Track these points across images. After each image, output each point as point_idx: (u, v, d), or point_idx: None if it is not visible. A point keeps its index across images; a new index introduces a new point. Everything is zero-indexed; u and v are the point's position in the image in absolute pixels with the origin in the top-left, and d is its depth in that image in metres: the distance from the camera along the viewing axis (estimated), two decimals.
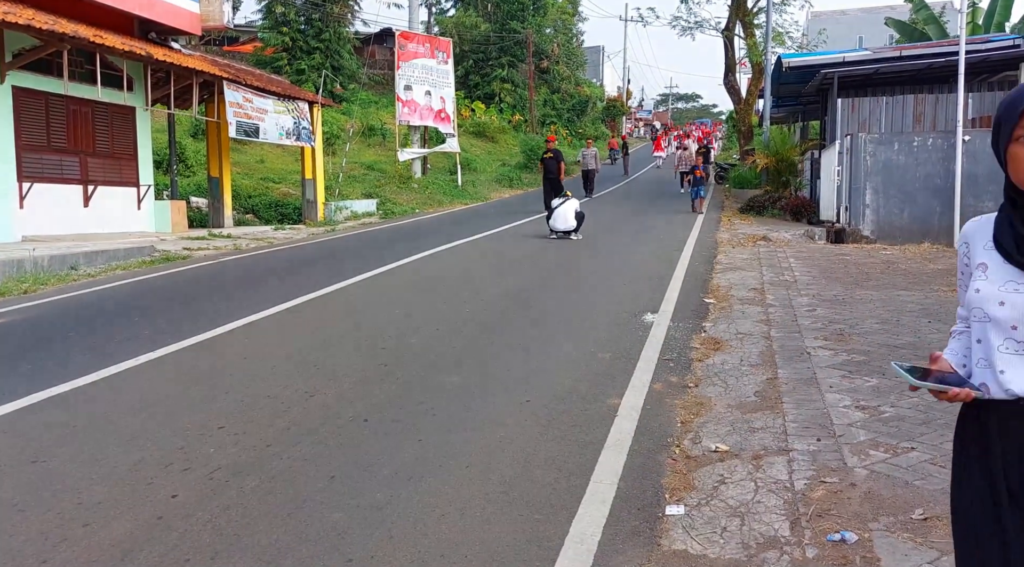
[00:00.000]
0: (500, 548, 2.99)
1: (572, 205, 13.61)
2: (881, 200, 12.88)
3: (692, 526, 3.12)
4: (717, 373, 5.32)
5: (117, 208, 14.35)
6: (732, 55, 29.34)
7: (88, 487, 3.53)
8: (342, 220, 18.48)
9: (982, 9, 20.00)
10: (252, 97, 16.12)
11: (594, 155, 23.37)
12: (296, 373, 5.39)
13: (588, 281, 9.25)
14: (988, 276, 1.65)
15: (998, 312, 1.61)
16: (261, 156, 23.71)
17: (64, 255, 10.53)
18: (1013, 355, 1.60)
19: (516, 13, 39.63)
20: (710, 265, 10.45)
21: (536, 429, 4.29)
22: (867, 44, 25.62)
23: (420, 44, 24.79)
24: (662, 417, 4.48)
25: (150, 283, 9.59)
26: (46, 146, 12.89)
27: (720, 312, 7.35)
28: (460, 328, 6.83)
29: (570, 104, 44.39)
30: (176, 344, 6.18)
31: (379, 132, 28.68)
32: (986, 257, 1.67)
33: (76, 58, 12.93)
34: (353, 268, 10.19)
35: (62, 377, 5.24)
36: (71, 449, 4.01)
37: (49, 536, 3.08)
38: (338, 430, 4.27)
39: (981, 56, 13.51)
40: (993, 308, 1.62)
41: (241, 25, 36.98)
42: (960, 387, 1.61)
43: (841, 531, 2.98)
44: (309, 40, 29.94)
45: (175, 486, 3.54)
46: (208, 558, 2.91)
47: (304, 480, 3.61)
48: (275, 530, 3.13)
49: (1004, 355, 1.60)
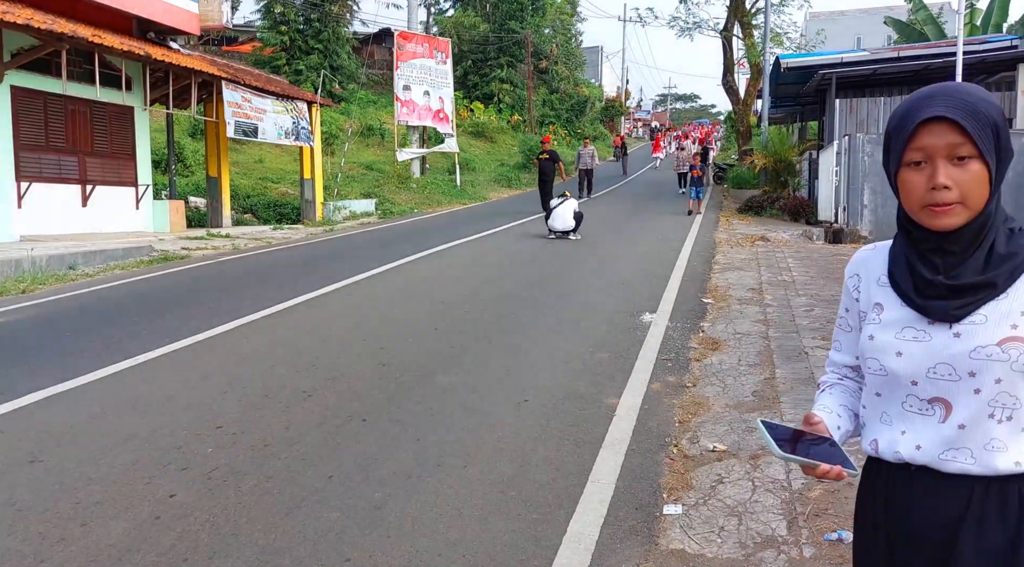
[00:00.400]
0: (498, 547, 2.99)
1: (571, 205, 13.62)
2: (879, 200, 12.89)
3: (690, 525, 3.13)
4: (715, 373, 5.33)
5: (115, 208, 14.34)
6: (730, 55, 29.37)
7: (86, 487, 3.53)
8: (341, 220, 18.47)
9: (980, 10, 20.05)
10: (251, 97, 16.12)
11: (591, 154, 23.19)
12: (294, 373, 5.39)
13: (586, 281, 9.25)
14: (883, 320, 1.38)
15: (895, 364, 1.34)
16: (260, 156, 23.70)
17: (62, 255, 10.52)
18: (916, 415, 1.34)
19: (515, 13, 39.62)
20: (708, 265, 10.46)
21: (534, 429, 4.30)
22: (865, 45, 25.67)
23: (419, 44, 24.79)
24: (660, 417, 4.48)
25: (148, 283, 9.59)
26: (44, 146, 12.88)
27: (718, 312, 7.36)
28: (458, 328, 6.83)
29: (569, 104, 44.38)
30: (174, 344, 6.18)
31: (378, 132, 28.67)
32: (881, 296, 1.40)
33: (75, 58, 12.92)
34: (351, 268, 10.19)
35: (60, 377, 5.24)
36: (69, 449, 4.01)
37: (47, 536, 3.08)
38: (336, 430, 4.27)
39: (979, 57, 13.54)
40: (890, 360, 1.35)
41: (240, 25, 36.96)
42: (830, 463, 1.33)
43: (838, 530, 2.98)
44: (308, 40, 29.92)
45: (173, 486, 3.54)
46: (206, 558, 2.92)
47: (302, 480, 3.61)
48: (273, 530, 3.13)
49: (906, 414, 1.35)
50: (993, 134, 1.26)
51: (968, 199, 1.27)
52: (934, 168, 1.27)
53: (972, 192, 1.26)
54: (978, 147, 1.25)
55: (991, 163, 1.26)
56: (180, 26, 15.75)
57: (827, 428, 1.43)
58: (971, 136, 1.24)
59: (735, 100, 30.18)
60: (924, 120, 1.27)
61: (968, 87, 1.30)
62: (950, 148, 1.26)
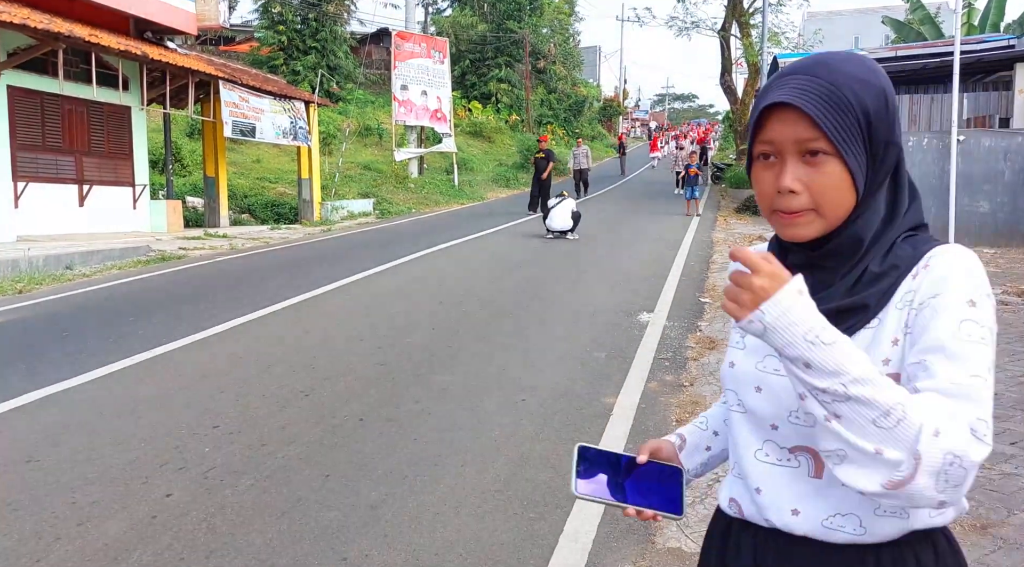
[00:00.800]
0: (495, 546, 2.99)
1: (569, 205, 13.63)
2: None
3: (686, 524, 3.13)
4: (712, 372, 5.33)
5: (112, 208, 14.33)
6: (728, 55, 29.37)
7: (82, 486, 3.53)
8: (338, 220, 18.46)
9: (977, 10, 20.06)
10: (248, 96, 16.10)
11: (585, 154, 23.12)
12: (291, 372, 5.39)
13: (584, 280, 9.26)
14: (747, 345, 1.12)
15: (754, 401, 1.08)
16: (257, 156, 23.68)
17: (59, 255, 10.51)
18: (774, 466, 1.06)
19: (513, 13, 39.62)
20: (706, 264, 10.47)
21: (531, 428, 4.30)
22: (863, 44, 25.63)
23: (416, 44, 24.79)
24: (657, 416, 4.49)
25: (145, 283, 9.58)
26: (41, 146, 12.86)
27: (716, 311, 7.37)
28: (455, 327, 6.83)
29: (567, 104, 44.40)
30: (171, 343, 6.17)
31: (375, 132, 28.66)
32: None
33: (71, 57, 12.89)
34: (349, 267, 10.19)
35: (57, 376, 5.23)
36: (66, 448, 4.00)
37: (43, 536, 3.08)
38: (333, 429, 4.27)
39: (976, 56, 13.54)
40: (748, 395, 1.09)
41: (237, 25, 36.89)
42: (647, 502, 1.14)
43: None
44: (305, 40, 29.88)
45: (170, 485, 3.53)
46: (203, 557, 2.91)
47: (299, 479, 3.61)
48: (270, 529, 3.13)
49: (762, 465, 1.07)
50: (859, 125, 0.98)
51: (822, 207, 0.99)
52: (781, 166, 1.00)
53: (827, 198, 0.99)
54: (834, 142, 0.96)
55: (854, 162, 0.98)
56: (177, 26, 15.73)
57: (679, 451, 1.26)
58: (823, 129, 0.96)
59: (733, 100, 30.18)
60: (770, 105, 1.00)
61: (839, 61, 1.00)
62: (799, 143, 0.98)
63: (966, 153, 12.28)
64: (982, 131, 12.73)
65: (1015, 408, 4.33)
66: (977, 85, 15.26)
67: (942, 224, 12.38)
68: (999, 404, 4.38)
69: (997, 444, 3.78)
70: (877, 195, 1.02)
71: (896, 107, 1.03)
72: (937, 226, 12.48)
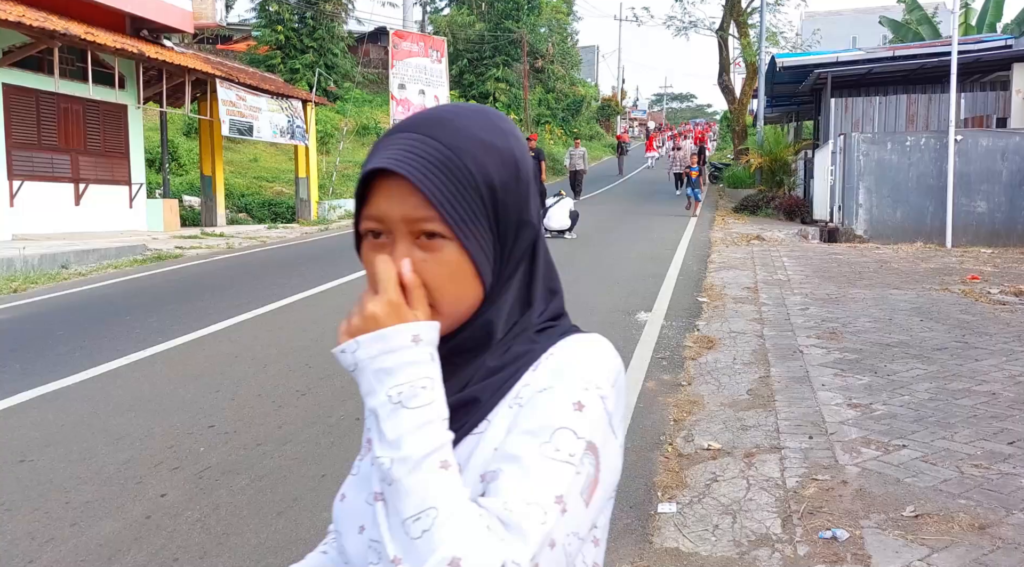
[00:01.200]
0: None
1: (566, 204, 13.62)
2: (874, 199, 12.91)
3: (684, 524, 3.11)
4: (710, 371, 5.32)
5: (108, 207, 14.29)
6: (726, 55, 29.39)
7: (76, 486, 3.50)
8: (336, 219, 18.44)
9: (975, 10, 20.09)
10: (245, 95, 16.07)
11: (582, 155, 22.51)
12: (288, 372, 5.37)
13: (582, 280, 9.24)
14: (360, 469, 0.94)
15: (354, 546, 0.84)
16: (254, 155, 23.65)
17: (55, 254, 10.47)
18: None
19: (510, 12, 39.61)
20: (704, 264, 10.46)
21: None
22: (861, 44, 25.60)
23: (414, 43, 24.77)
24: (655, 415, 4.47)
25: (141, 282, 9.55)
26: (36, 144, 12.82)
27: (713, 311, 7.35)
28: None
29: (565, 104, 44.41)
30: (167, 343, 6.15)
31: (373, 131, 28.63)
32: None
33: (67, 55, 12.86)
34: (347, 266, 10.16)
35: (51, 376, 5.21)
36: (60, 448, 3.98)
37: (36, 536, 3.05)
38: (329, 429, 4.25)
39: (973, 56, 13.56)
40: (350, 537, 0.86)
41: (234, 23, 36.83)
42: None
43: (832, 528, 2.97)
44: (303, 38, 29.85)
45: (164, 485, 3.51)
46: (197, 557, 2.89)
47: (295, 479, 3.59)
48: (265, 529, 3.11)
49: None
50: (483, 201, 0.78)
51: (439, 303, 0.79)
52: (392, 248, 0.79)
53: (444, 292, 0.79)
54: (449, 224, 0.77)
55: (476, 248, 0.79)
56: (174, 24, 15.70)
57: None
58: (435, 207, 0.76)
59: (731, 99, 30.20)
60: (375, 172, 0.79)
61: (463, 118, 0.81)
62: (410, 223, 0.78)
63: (963, 153, 12.28)
64: (979, 131, 12.75)
65: (1013, 407, 4.32)
66: (974, 85, 15.27)
67: (939, 223, 12.40)
68: (997, 403, 4.38)
69: (996, 444, 3.77)
70: (509, 283, 0.83)
71: (530, 179, 0.83)
72: (934, 225, 12.50)
